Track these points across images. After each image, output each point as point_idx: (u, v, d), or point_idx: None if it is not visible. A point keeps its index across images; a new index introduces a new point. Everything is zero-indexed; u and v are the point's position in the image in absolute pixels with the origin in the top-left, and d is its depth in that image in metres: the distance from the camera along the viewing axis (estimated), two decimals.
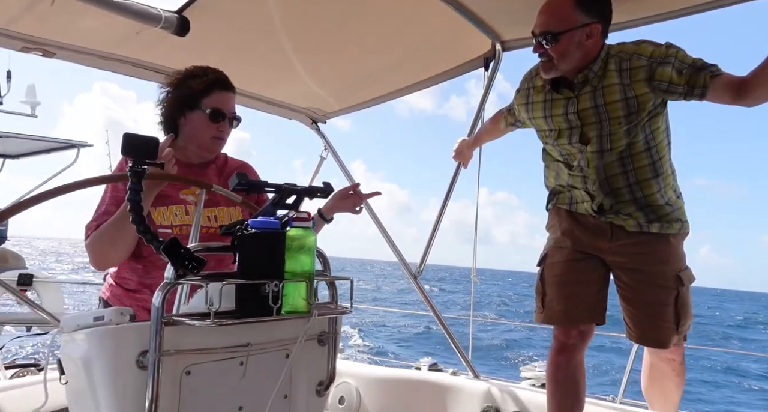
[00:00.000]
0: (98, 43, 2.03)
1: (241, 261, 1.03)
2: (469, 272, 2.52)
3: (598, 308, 1.87)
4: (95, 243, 1.54)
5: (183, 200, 1.65)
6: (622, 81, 1.70)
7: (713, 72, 1.62)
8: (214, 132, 1.67)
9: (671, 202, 1.82)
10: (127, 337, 0.94)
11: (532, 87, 1.89)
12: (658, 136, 1.77)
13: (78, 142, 5.88)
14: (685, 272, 1.83)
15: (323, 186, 1.24)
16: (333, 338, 1.25)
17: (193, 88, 1.66)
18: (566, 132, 1.81)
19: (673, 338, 1.80)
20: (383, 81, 2.62)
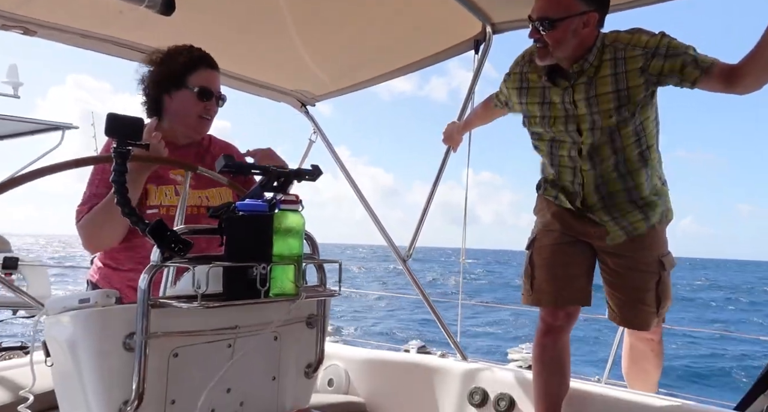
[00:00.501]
0: (81, 21, 1.98)
1: (229, 244, 1.02)
2: (456, 253, 2.54)
3: (584, 291, 1.90)
4: (87, 226, 1.53)
5: (173, 180, 1.64)
6: (616, 71, 1.70)
7: (706, 63, 1.63)
8: (201, 111, 1.65)
9: (657, 191, 1.86)
10: (113, 319, 0.93)
11: (527, 71, 1.87)
12: (648, 126, 1.79)
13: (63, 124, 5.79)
14: (667, 257, 1.88)
15: (312, 168, 1.23)
16: (321, 321, 1.25)
17: (178, 66, 1.63)
18: (562, 120, 1.81)
19: (653, 321, 1.86)
20: (375, 63, 2.59)
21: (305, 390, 1.26)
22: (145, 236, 0.94)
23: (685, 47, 1.66)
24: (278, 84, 2.72)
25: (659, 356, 2.02)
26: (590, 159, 1.80)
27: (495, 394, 2.15)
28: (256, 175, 1.18)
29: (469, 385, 2.22)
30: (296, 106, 2.88)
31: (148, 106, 1.69)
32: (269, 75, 2.65)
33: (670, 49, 1.65)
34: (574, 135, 1.80)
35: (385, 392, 2.40)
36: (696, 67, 1.63)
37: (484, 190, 48.32)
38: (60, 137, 5.77)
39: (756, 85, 1.59)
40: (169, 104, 1.66)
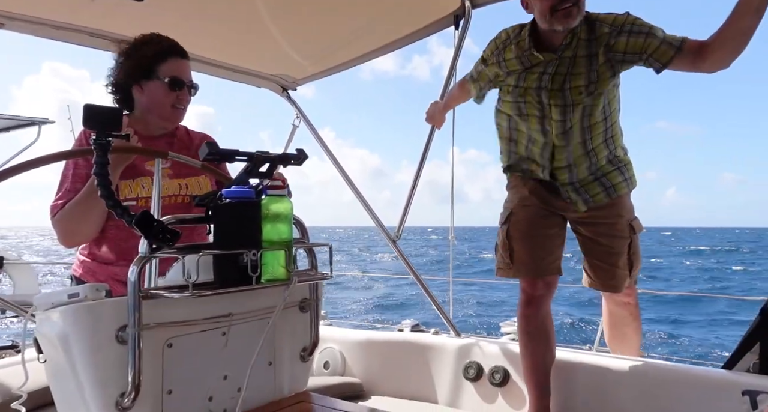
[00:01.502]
0: (51, 12, 1.92)
1: (217, 232, 1.02)
2: (446, 232, 2.55)
3: (560, 261, 2.00)
4: (63, 221, 1.51)
5: (149, 171, 1.61)
6: (590, 52, 1.76)
7: (677, 41, 1.67)
8: (173, 100, 1.63)
9: (621, 160, 1.96)
10: (104, 313, 0.92)
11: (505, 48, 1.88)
12: (612, 105, 1.87)
13: (39, 119, 5.67)
14: (635, 221, 1.98)
15: (297, 153, 1.22)
16: (314, 305, 1.25)
17: (147, 57, 1.60)
18: (534, 91, 1.84)
19: (626, 283, 1.96)
20: (354, 44, 2.55)
21: (302, 374, 1.26)
22: (132, 228, 0.92)
23: (650, 26, 1.70)
24: (258, 69, 2.68)
25: (637, 319, 2.11)
26: (559, 133, 1.86)
27: (489, 367, 2.19)
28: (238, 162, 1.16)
29: (463, 360, 2.26)
30: (277, 91, 2.84)
31: (118, 98, 1.66)
32: (248, 61, 2.61)
33: (635, 27, 1.70)
34: (544, 108, 1.84)
35: (381, 372, 2.43)
36: (670, 47, 1.67)
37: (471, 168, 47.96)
38: (37, 133, 5.65)
39: (723, 61, 1.62)
40: (140, 96, 1.64)
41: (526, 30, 1.85)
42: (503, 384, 2.14)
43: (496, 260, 2.06)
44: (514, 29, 1.89)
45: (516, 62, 1.86)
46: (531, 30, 1.84)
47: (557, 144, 1.88)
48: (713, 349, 10.58)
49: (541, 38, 1.81)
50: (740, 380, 1.72)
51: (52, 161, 1.09)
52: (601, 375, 1.97)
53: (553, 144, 1.89)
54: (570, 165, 1.91)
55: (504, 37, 1.91)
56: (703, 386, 1.79)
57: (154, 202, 1.37)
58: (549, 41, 1.80)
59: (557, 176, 1.94)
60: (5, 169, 1.03)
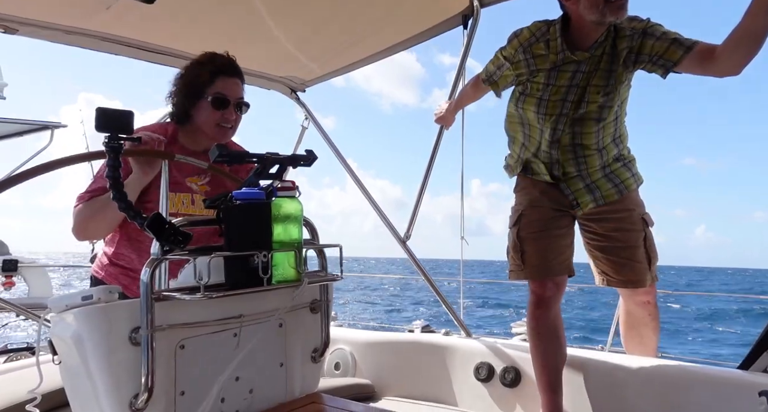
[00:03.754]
0: (63, 17, 1.95)
1: (228, 233, 1.02)
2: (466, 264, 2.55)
3: (569, 261, 1.99)
4: (80, 213, 1.55)
5: (189, 188, 1.65)
6: (613, 51, 1.77)
7: (689, 42, 1.68)
8: (218, 119, 1.65)
9: (626, 158, 1.98)
10: (117, 314, 0.93)
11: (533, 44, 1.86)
12: (623, 106, 1.89)
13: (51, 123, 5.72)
14: (647, 214, 1.99)
15: (306, 154, 1.22)
16: (325, 306, 1.26)
17: (196, 77, 1.64)
18: (564, 89, 1.84)
19: (647, 277, 1.95)
20: (362, 44, 2.55)
21: (313, 375, 1.27)
22: (144, 230, 0.93)
23: (665, 31, 1.73)
24: (266, 71, 2.69)
25: (656, 320, 2.08)
26: (574, 132, 1.87)
27: (501, 367, 2.18)
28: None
29: (474, 360, 2.25)
30: (286, 92, 2.85)
31: (176, 116, 1.70)
32: (256, 63, 2.61)
33: (649, 29, 1.72)
34: (567, 105, 1.85)
35: (392, 373, 2.42)
36: (680, 46, 1.68)
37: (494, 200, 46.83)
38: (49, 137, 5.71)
39: (734, 65, 1.61)
40: (194, 114, 1.68)
41: (555, 28, 1.81)
42: (515, 385, 2.13)
43: (508, 262, 2.05)
44: (539, 27, 1.85)
45: (546, 60, 1.84)
46: (562, 28, 1.81)
47: (568, 142, 1.89)
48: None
49: (572, 36, 1.80)
50: (756, 380, 1.70)
51: (66, 165, 1.11)
52: (614, 375, 1.95)
53: (566, 143, 1.89)
54: (579, 164, 1.92)
55: (528, 34, 1.86)
56: (718, 386, 1.77)
57: (163, 203, 1.38)
58: (582, 39, 1.78)
59: (568, 175, 1.94)
60: (21, 172, 1.04)
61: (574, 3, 1.72)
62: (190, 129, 1.70)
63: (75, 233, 1.58)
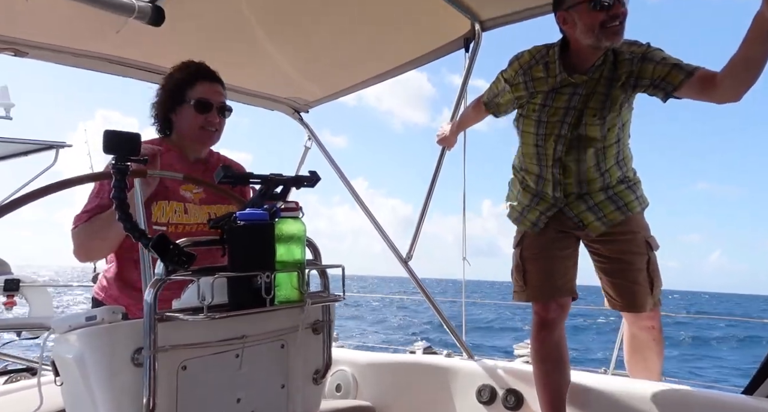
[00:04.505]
0: (72, 40, 1.99)
1: (232, 254, 1.03)
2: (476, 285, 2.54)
3: (573, 283, 1.98)
4: (82, 234, 1.54)
5: (182, 197, 1.65)
6: (612, 75, 1.79)
7: (690, 67, 1.69)
8: (201, 122, 1.66)
9: (631, 180, 1.97)
10: (120, 335, 0.93)
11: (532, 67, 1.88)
12: (625, 129, 1.90)
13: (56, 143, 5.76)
14: (652, 238, 1.97)
15: (309, 175, 1.23)
16: (327, 326, 1.25)
17: (177, 83, 1.66)
18: (561, 111, 1.85)
19: (648, 302, 1.93)
20: (364, 66, 2.59)
21: (314, 397, 1.26)
22: (149, 251, 0.94)
23: (665, 56, 1.74)
24: (270, 92, 2.73)
25: (660, 344, 2.05)
26: (575, 153, 1.88)
27: (503, 390, 2.16)
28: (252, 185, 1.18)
29: (476, 383, 2.23)
30: (289, 113, 2.88)
31: (159, 128, 1.72)
32: (260, 84, 2.65)
33: (649, 54, 1.74)
34: (565, 127, 1.86)
35: (394, 395, 2.40)
36: (681, 71, 1.70)
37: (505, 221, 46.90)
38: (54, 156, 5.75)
39: (733, 92, 1.62)
40: (175, 122, 1.69)
41: (554, 51, 1.84)
42: (517, 408, 2.11)
43: (513, 283, 2.05)
44: (539, 50, 1.88)
45: (544, 83, 1.87)
46: (561, 51, 1.84)
47: (571, 164, 1.90)
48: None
49: (570, 59, 1.82)
50: (761, 405, 1.68)
51: (73, 185, 1.12)
52: (617, 399, 1.93)
53: (567, 164, 1.90)
54: (582, 186, 1.92)
55: (528, 57, 1.89)
56: (722, 411, 1.75)
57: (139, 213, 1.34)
58: (580, 62, 1.81)
59: (570, 198, 1.94)
60: (28, 193, 1.05)
61: (572, 27, 1.75)
62: (175, 139, 1.71)
63: (77, 255, 1.57)
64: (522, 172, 2.06)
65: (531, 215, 2.01)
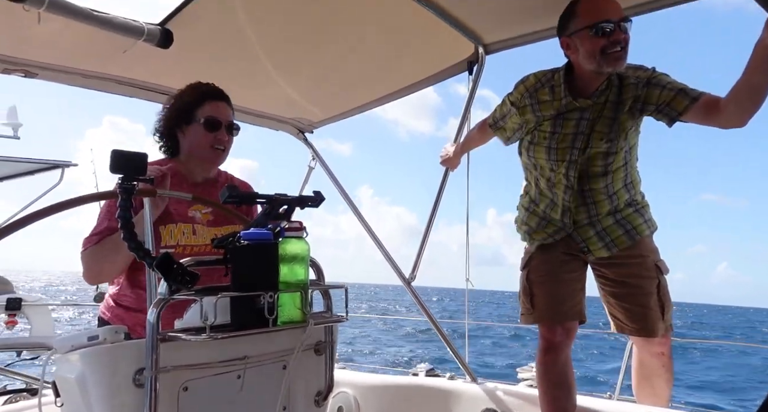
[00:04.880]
0: (82, 61, 2.02)
1: (235, 274, 1.03)
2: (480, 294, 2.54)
3: (580, 306, 1.96)
4: (92, 256, 1.54)
5: (191, 218, 1.65)
6: (618, 99, 1.80)
7: (695, 92, 1.70)
8: (211, 141, 1.68)
9: (639, 203, 1.97)
10: (122, 355, 0.93)
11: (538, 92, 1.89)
12: (633, 152, 1.90)
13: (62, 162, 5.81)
14: (661, 261, 1.95)
15: (314, 195, 1.24)
16: (330, 348, 1.25)
17: (186, 102, 1.68)
18: (570, 137, 1.86)
19: (660, 326, 1.90)
20: (367, 88, 2.63)
21: None
22: (153, 270, 0.94)
23: (670, 80, 1.75)
24: (275, 113, 2.76)
25: (670, 371, 2.01)
26: (583, 178, 1.89)
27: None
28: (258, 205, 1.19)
29: (479, 406, 2.19)
30: (294, 133, 2.91)
31: (165, 148, 1.73)
32: (265, 105, 2.69)
33: (654, 79, 1.75)
34: (575, 153, 1.86)
35: None
36: (686, 97, 1.70)
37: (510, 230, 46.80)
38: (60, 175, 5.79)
39: (737, 118, 1.63)
40: (183, 141, 1.71)
41: (560, 75, 1.85)
42: None
43: (520, 306, 2.03)
44: (545, 74, 1.90)
45: (550, 106, 1.88)
46: (566, 75, 1.85)
47: (578, 189, 1.90)
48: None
49: (575, 83, 1.83)
50: None
51: (79, 204, 1.13)
52: None
53: (575, 188, 1.90)
54: (590, 210, 1.91)
55: (534, 81, 1.90)
56: None
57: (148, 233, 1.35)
58: (584, 86, 1.82)
59: (578, 222, 1.93)
60: (34, 212, 1.06)
61: (574, 52, 1.77)
62: (182, 159, 1.72)
63: (87, 277, 1.58)
64: (528, 197, 2.07)
65: (537, 235, 2.01)
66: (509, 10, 1.98)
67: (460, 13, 2.03)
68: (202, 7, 1.79)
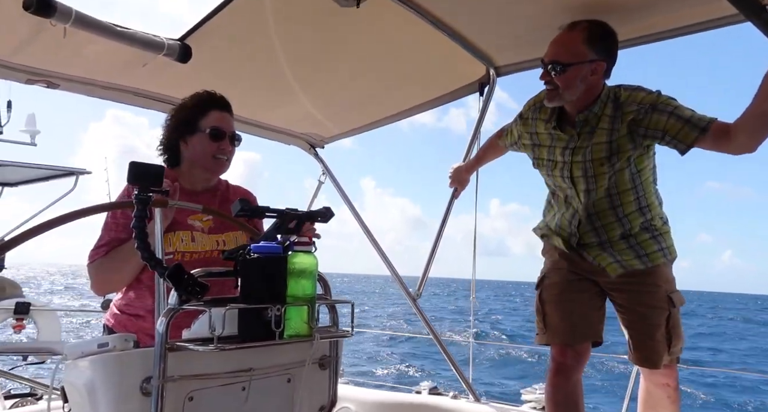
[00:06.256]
0: (102, 73, 2.08)
1: (244, 286, 1.04)
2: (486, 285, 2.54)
3: (594, 328, 1.91)
4: (101, 268, 1.56)
5: (190, 226, 1.67)
6: (612, 126, 1.78)
7: (704, 121, 1.67)
8: (215, 151, 1.69)
9: (657, 229, 1.90)
10: (131, 363, 0.94)
11: (538, 117, 1.94)
12: (643, 174, 1.85)
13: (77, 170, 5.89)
14: (676, 293, 1.89)
15: (323, 210, 1.26)
16: (334, 362, 1.25)
17: (190, 112, 1.69)
18: (560, 165, 1.88)
19: (663, 358, 1.85)
20: (379, 105, 2.67)
21: None
22: (164, 280, 0.96)
23: (676, 106, 1.71)
24: (287, 128, 2.80)
25: (675, 403, 1.96)
26: (587, 202, 1.87)
27: None
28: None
29: None
30: (305, 148, 2.95)
31: (166, 157, 1.74)
32: (278, 120, 2.73)
33: (660, 105, 1.72)
34: (567, 181, 1.88)
35: None
36: (694, 128, 1.68)
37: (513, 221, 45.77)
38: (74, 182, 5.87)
39: (747, 145, 1.63)
40: (185, 150, 1.71)
41: None
42: None
43: (536, 326, 2.01)
44: None
45: (543, 128, 1.91)
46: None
47: (584, 213, 1.88)
48: None
49: (565, 111, 1.86)
50: None
51: (94, 213, 1.16)
52: None
53: (581, 213, 1.89)
54: (599, 234, 1.88)
55: (541, 97, 1.94)
56: None
57: (158, 243, 1.38)
58: (568, 116, 1.85)
59: (586, 246, 1.91)
60: (51, 219, 1.09)
61: None
62: (184, 169, 1.73)
63: (95, 289, 1.60)
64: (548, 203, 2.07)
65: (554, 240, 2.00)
66: (521, 34, 2.01)
67: (472, 36, 2.07)
68: (220, 24, 1.84)
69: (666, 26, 1.90)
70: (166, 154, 1.74)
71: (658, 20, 1.87)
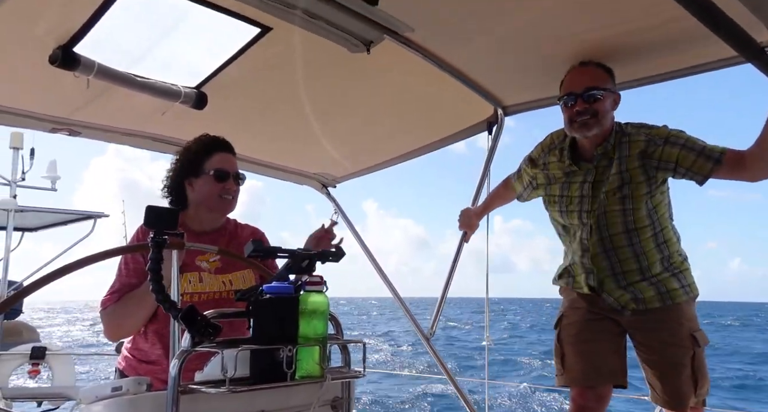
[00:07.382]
0: (122, 120, 2.15)
1: (256, 326, 1.05)
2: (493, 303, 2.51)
3: (616, 369, 1.85)
4: (114, 314, 1.58)
5: (198, 267, 1.69)
6: (620, 155, 1.80)
7: (716, 152, 1.69)
8: (220, 191, 1.73)
9: (676, 267, 1.87)
10: (144, 407, 0.95)
11: (549, 155, 1.96)
12: (660, 210, 1.85)
13: (95, 214, 6.03)
14: (699, 332, 1.83)
15: (335, 250, 1.27)
16: (346, 404, 1.24)
17: (194, 155, 1.74)
18: (577, 200, 1.87)
19: (689, 401, 1.79)
20: (391, 145, 2.72)
21: None
22: (178, 322, 0.97)
23: (687, 138, 1.74)
24: (301, 168, 2.86)
25: None
26: (600, 238, 1.85)
27: None
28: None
29: None
30: (318, 188, 2.99)
31: (172, 199, 1.78)
32: (292, 161, 2.79)
33: (671, 138, 1.75)
34: (584, 215, 1.86)
35: None
36: (708, 160, 1.69)
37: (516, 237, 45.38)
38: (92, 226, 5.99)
39: (763, 173, 1.64)
40: (191, 192, 1.75)
41: (569, 138, 1.90)
42: None
43: (555, 367, 1.97)
44: (559, 135, 1.95)
45: (558, 168, 1.92)
46: (573, 139, 1.89)
47: (598, 250, 1.85)
48: None
49: (578, 146, 1.88)
50: None
51: (111, 256, 1.18)
52: None
53: (595, 250, 1.86)
54: (615, 270, 1.85)
55: (549, 141, 1.97)
56: None
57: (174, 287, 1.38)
58: (583, 151, 1.87)
59: (603, 283, 1.87)
60: (68, 264, 1.12)
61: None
62: (191, 212, 1.76)
63: (108, 335, 1.62)
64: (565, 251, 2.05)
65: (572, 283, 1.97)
66: (528, 74, 2.06)
67: (480, 78, 2.12)
68: (233, 72, 1.92)
69: (669, 68, 1.93)
70: (171, 197, 1.78)
71: (661, 63, 1.91)
